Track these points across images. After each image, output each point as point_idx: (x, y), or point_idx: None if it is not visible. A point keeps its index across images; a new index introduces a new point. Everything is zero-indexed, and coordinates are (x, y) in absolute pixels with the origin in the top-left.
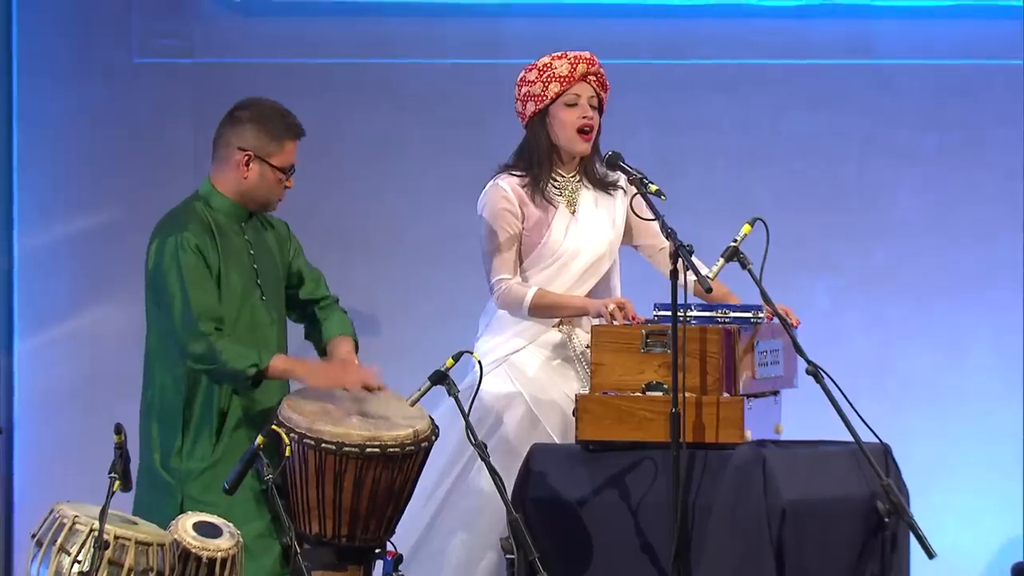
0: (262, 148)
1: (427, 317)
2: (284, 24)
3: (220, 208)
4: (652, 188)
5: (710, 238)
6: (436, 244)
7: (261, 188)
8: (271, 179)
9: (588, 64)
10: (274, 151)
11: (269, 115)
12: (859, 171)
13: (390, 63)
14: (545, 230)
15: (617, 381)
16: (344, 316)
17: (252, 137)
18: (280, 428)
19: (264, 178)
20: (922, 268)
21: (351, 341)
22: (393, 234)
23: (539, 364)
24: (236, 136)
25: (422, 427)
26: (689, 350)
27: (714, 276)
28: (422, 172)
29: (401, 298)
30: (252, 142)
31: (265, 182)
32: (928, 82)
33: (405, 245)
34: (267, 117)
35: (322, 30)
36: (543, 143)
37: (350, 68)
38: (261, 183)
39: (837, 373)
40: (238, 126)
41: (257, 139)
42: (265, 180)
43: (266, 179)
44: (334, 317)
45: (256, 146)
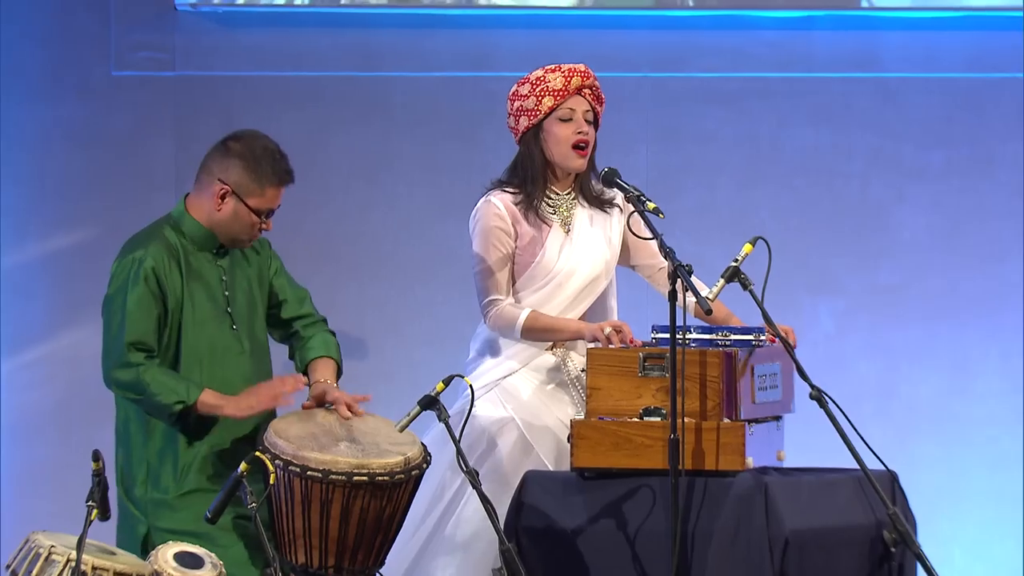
0: (242, 186)
1: (417, 339)
2: (268, 36)
3: (191, 234)
4: (650, 206)
5: (710, 258)
6: (426, 263)
7: (232, 225)
8: (244, 219)
9: (583, 77)
10: (253, 192)
11: (260, 155)
12: (863, 188)
13: (378, 76)
14: (539, 249)
15: (613, 406)
16: (328, 337)
17: (235, 172)
18: (264, 454)
19: (237, 216)
20: (928, 289)
21: (332, 364)
22: (382, 253)
23: (532, 388)
24: (220, 167)
25: (413, 454)
26: (688, 374)
27: (714, 297)
28: (411, 188)
29: (390, 320)
30: (234, 177)
31: (237, 220)
32: (935, 96)
33: (394, 264)
34: (257, 157)
35: (308, 42)
36: (537, 159)
37: (337, 81)
38: (233, 220)
39: (841, 398)
40: (226, 157)
41: (240, 176)
42: (238, 219)
43: (239, 218)
44: (317, 338)
45: (236, 183)
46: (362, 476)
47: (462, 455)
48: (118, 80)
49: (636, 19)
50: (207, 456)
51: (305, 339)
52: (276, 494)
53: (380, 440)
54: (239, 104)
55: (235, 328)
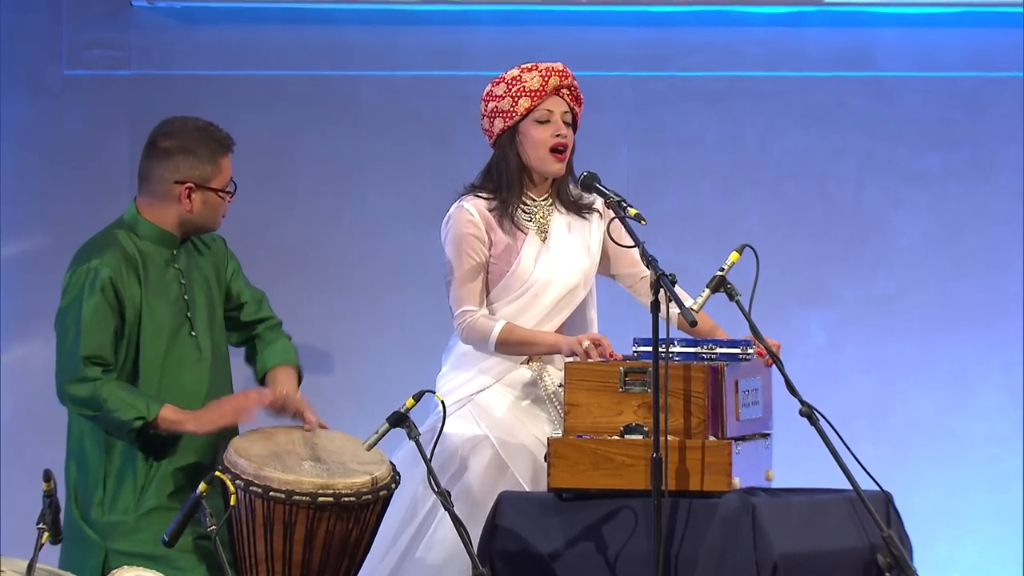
0: (200, 176)
1: (386, 352)
2: (230, 33)
3: (147, 236)
4: (631, 212)
5: (694, 266)
6: (396, 272)
7: (207, 214)
8: (216, 203)
9: (561, 76)
10: (212, 174)
11: (196, 137)
12: (857, 193)
13: (346, 75)
14: (514, 258)
15: (593, 423)
16: (287, 343)
17: (187, 167)
18: (225, 474)
19: (210, 204)
20: (925, 299)
21: (292, 372)
22: (349, 261)
23: (507, 404)
24: (168, 169)
25: (381, 474)
26: (672, 389)
27: (699, 308)
28: (381, 193)
29: (358, 332)
30: (188, 172)
31: (211, 208)
32: (932, 96)
33: (362, 273)
34: (194, 141)
35: (272, 39)
36: (512, 163)
37: (302, 81)
38: (207, 210)
39: (833, 414)
40: (167, 159)
41: (192, 168)
42: (211, 206)
43: (212, 204)
44: (276, 344)
45: (193, 175)
46: (327, 497)
47: (433, 475)
48: (70, 79)
49: (617, 15)
50: (168, 472)
51: (264, 344)
52: (237, 516)
53: (346, 459)
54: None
55: (194, 334)
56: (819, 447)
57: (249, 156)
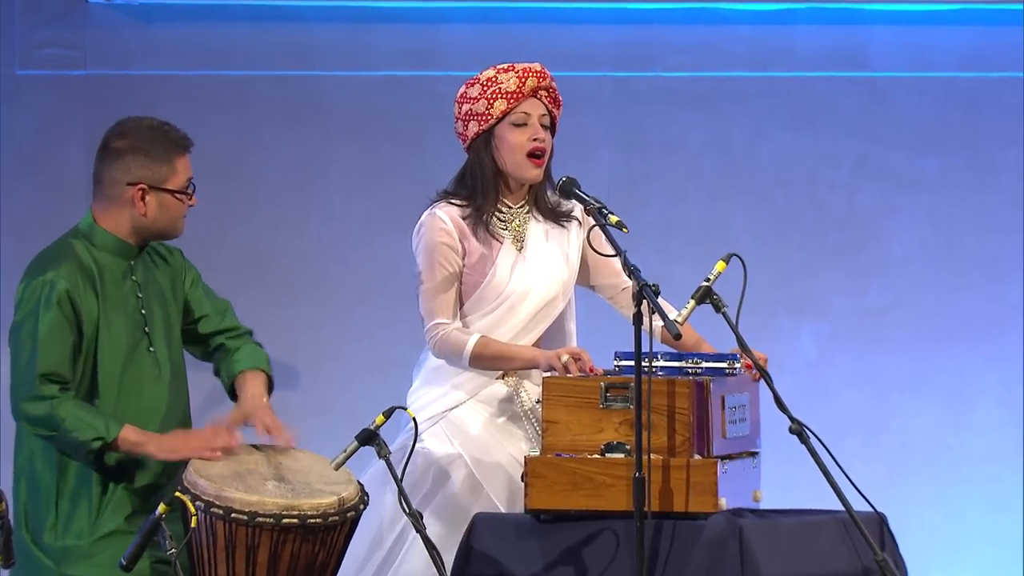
0: (153, 176)
1: (355, 367)
2: (190, 31)
3: (104, 246)
4: (612, 219)
5: (679, 276)
6: (364, 282)
7: (164, 218)
8: (173, 206)
9: (538, 78)
10: (167, 175)
11: (149, 137)
12: (849, 199)
13: (312, 75)
14: (489, 268)
15: (572, 441)
16: (257, 348)
17: (139, 168)
18: (184, 495)
19: (165, 207)
20: (921, 310)
21: (262, 377)
22: (315, 270)
23: (482, 421)
24: (120, 171)
25: (348, 494)
26: (655, 405)
27: (684, 320)
28: (349, 199)
29: (325, 345)
30: (140, 173)
31: (167, 211)
32: (928, 97)
33: (329, 283)
34: (148, 140)
35: (235, 38)
36: (488, 168)
37: (267, 81)
38: (163, 214)
39: (824, 431)
40: (119, 159)
41: (145, 168)
42: (167, 209)
43: (168, 208)
44: (244, 350)
45: (146, 176)
46: (292, 518)
47: (404, 495)
48: (23, 80)
49: (597, 12)
50: (125, 494)
51: (231, 351)
52: (197, 539)
53: (312, 479)
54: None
55: (152, 350)
56: (810, 466)
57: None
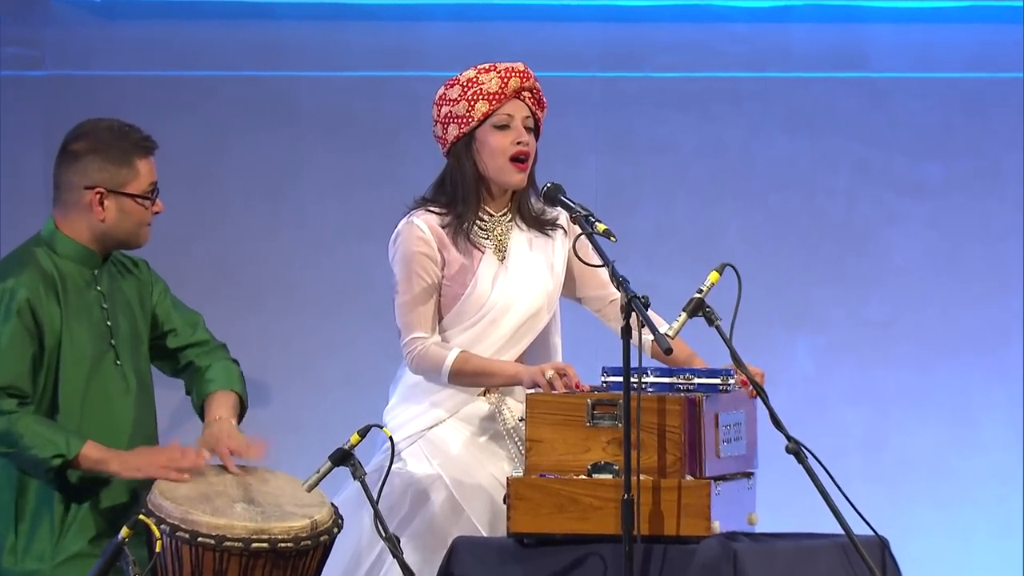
0: (112, 179)
1: (328, 382)
2: (155, 29)
3: (67, 254)
4: (599, 228)
5: (669, 288)
6: (338, 293)
7: (125, 224)
8: (134, 211)
9: (522, 78)
10: (127, 178)
11: (108, 138)
12: (848, 206)
13: (284, 76)
14: (469, 279)
15: (557, 461)
16: (230, 366)
17: (97, 170)
18: (149, 518)
19: (126, 213)
20: (923, 323)
21: (233, 399)
22: (287, 280)
23: (463, 441)
24: (77, 174)
25: (321, 517)
26: (644, 423)
27: (675, 334)
28: (322, 205)
29: (297, 359)
30: (98, 176)
31: (128, 217)
32: (930, 99)
33: (301, 294)
34: (107, 141)
35: (202, 36)
36: (468, 174)
37: (236, 82)
38: (124, 219)
39: (822, 450)
40: (77, 161)
41: (103, 171)
42: (128, 215)
43: (128, 213)
44: (216, 368)
45: (104, 179)
46: (262, 543)
47: (380, 518)
48: None
49: (583, 10)
50: (89, 515)
51: (201, 369)
52: (162, 564)
53: (283, 501)
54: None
55: (119, 363)
56: (807, 487)
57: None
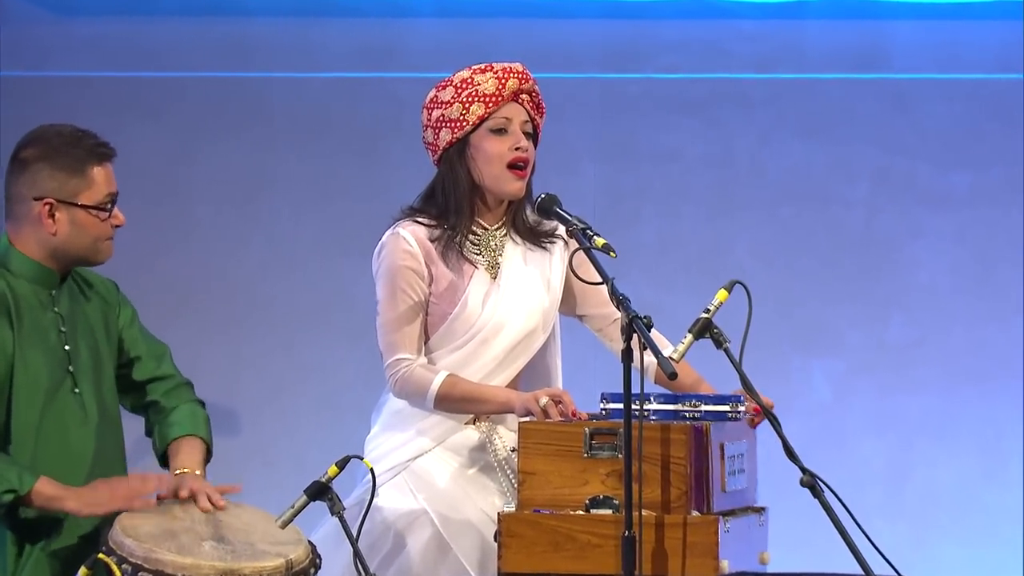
0: (62, 189)
1: (304, 410)
2: (116, 27)
3: (21, 272)
4: (598, 242)
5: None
6: (316, 313)
7: (80, 239)
8: (88, 224)
9: (520, 79)
10: (79, 187)
11: (60, 145)
12: (868, 219)
13: (255, 77)
14: (459, 297)
15: (553, 495)
16: (196, 409)
17: (46, 179)
18: (109, 556)
19: (79, 226)
20: (951, 346)
21: (199, 446)
22: (259, 299)
23: (450, 473)
24: (26, 184)
25: (297, 556)
26: (647, 454)
27: (680, 357)
28: (298, 217)
29: (270, 385)
30: (48, 185)
31: (83, 231)
32: (958, 103)
33: (274, 314)
34: (58, 148)
35: (167, 35)
36: (462, 182)
37: (203, 83)
38: (77, 233)
39: (840, 484)
40: (26, 171)
41: (53, 179)
42: (81, 228)
43: (82, 226)
44: (182, 410)
45: (54, 188)
46: None
47: (360, 557)
48: None
49: (581, 6)
50: (44, 556)
51: (166, 411)
52: None
53: (255, 539)
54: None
55: (77, 392)
56: (824, 523)
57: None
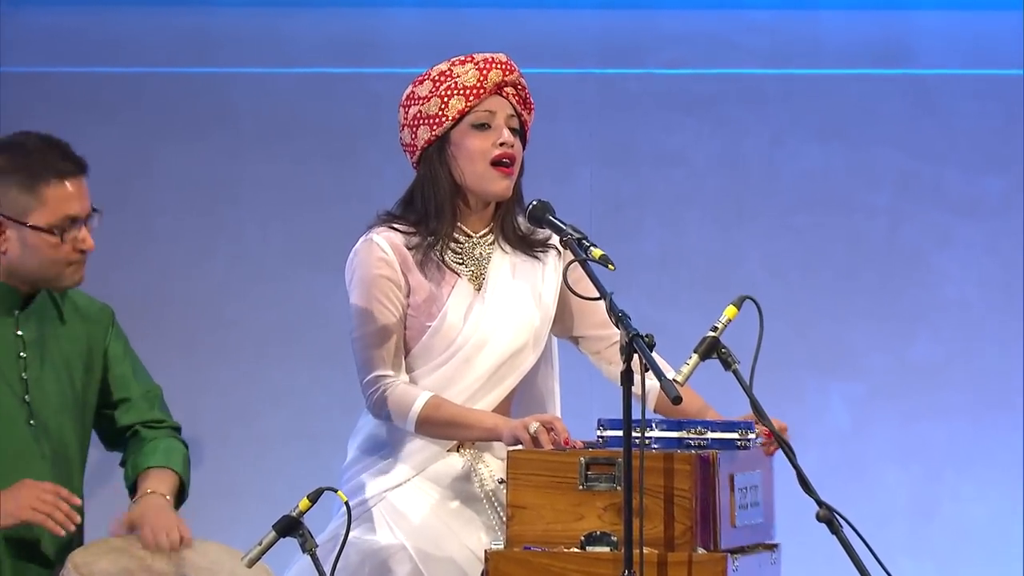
0: (11, 207)
1: (272, 437)
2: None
3: None
4: (595, 253)
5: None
6: (285, 331)
7: (30, 261)
8: (40, 247)
9: (504, 70)
10: (30, 205)
11: (19, 156)
12: (892, 228)
13: (218, 73)
14: (438, 309)
15: (544, 531)
16: (176, 443)
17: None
18: None
19: (30, 247)
20: (981, 368)
21: (171, 478)
22: (223, 316)
23: (431, 505)
24: None
25: None
26: (649, 486)
27: (684, 380)
28: (264, 226)
29: (235, 410)
30: (1, 201)
31: (35, 253)
32: (988, 101)
33: (240, 332)
34: (16, 160)
35: (124, 26)
36: (442, 184)
37: (163, 80)
38: (28, 255)
39: (860, 518)
40: None
41: (6, 194)
42: (34, 251)
43: (34, 249)
44: (162, 444)
45: (6, 204)
46: None
47: None
48: None
49: None
50: None
51: (144, 440)
52: None
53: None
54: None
55: (33, 424)
56: (842, 562)
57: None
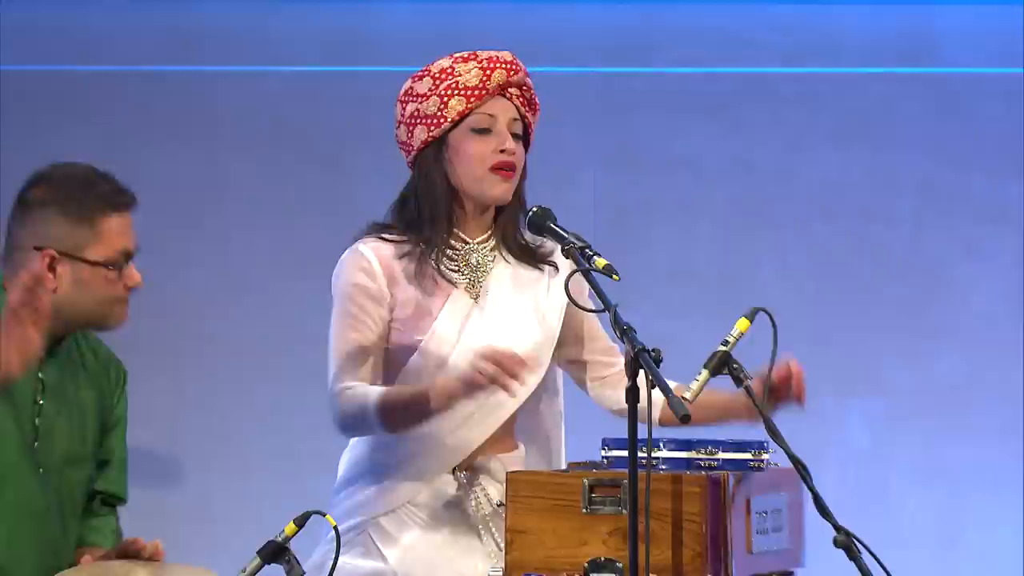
0: (67, 240)
1: (255, 460)
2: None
3: None
4: (599, 263)
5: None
6: (268, 347)
7: (82, 299)
8: (94, 283)
9: (509, 70)
10: (87, 239)
11: (70, 187)
12: (914, 236)
13: (200, 71)
14: (429, 322)
15: (546, 557)
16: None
17: (50, 227)
18: None
19: (83, 284)
20: (1008, 385)
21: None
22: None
23: (424, 530)
24: (28, 230)
25: None
26: (656, 510)
27: (694, 397)
28: (248, 233)
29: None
30: (51, 234)
31: (87, 290)
32: (1015, 101)
33: (222, 348)
34: (68, 191)
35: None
36: (439, 188)
37: (143, 78)
38: (80, 292)
39: (881, 544)
40: (29, 214)
41: (57, 228)
42: (86, 287)
43: (87, 285)
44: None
45: (58, 238)
46: None
47: None
48: None
49: None
50: None
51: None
52: None
53: None
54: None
55: (42, 472)
56: None
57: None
